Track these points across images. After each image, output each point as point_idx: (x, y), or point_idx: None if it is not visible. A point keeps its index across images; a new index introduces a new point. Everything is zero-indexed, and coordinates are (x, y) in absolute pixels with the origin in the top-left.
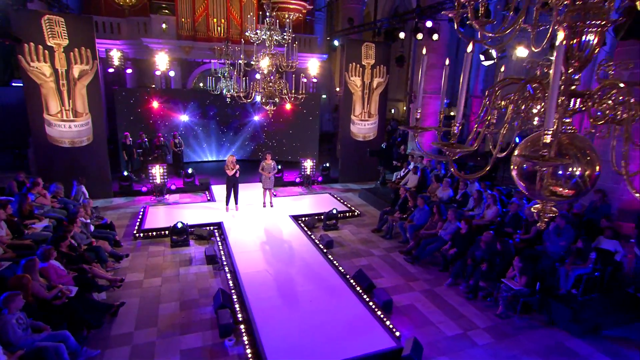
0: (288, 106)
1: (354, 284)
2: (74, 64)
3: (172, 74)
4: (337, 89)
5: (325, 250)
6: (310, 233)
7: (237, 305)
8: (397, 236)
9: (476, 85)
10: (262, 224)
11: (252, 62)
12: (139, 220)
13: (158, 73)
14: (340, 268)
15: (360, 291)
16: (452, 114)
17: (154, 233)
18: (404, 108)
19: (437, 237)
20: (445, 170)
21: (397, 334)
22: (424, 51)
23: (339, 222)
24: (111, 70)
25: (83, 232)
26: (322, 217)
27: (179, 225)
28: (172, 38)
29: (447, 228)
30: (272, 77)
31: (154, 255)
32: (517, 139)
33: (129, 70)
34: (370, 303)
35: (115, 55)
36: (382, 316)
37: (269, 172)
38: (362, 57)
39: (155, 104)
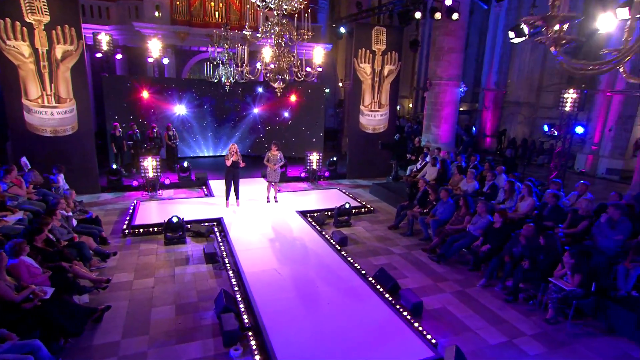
0: (293, 97)
1: (375, 284)
2: (56, 44)
3: (165, 61)
4: (341, 84)
5: (339, 248)
6: (320, 230)
7: (243, 309)
8: (418, 233)
9: (489, 77)
10: (266, 220)
11: (259, 33)
12: (128, 216)
13: (151, 60)
14: (358, 267)
15: (384, 292)
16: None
17: (146, 229)
18: (410, 105)
19: (465, 232)
20: (467, 161)
21: (434, 341)
22: None
23: (351, 219)
24: (99, 55)
25: (64, 226)
26: (333, 213)
27: (174, 219)
28: (166, 23)
29: (477, 222)
30: (281, 49)
31: (145, 253)
32: None
33: (118, 56)
34: (398, 306)
35: (104, 40)
36: (413, 321)
37: (275, 164)
38: (372, 42)
39: (146, 94)
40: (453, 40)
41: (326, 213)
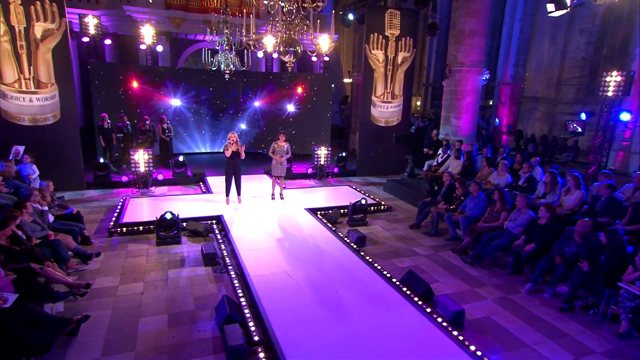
0: (299, 89)
1: (405, 289)
2: (35, 21)
3: (159, 48)
4: (346, 80)
5: (357, 248)
6: (334, 229)
7: (250, 319)
8: (444, 232)
9: (505, 71)
10: (272, 217)
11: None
12: (116, 213)
13: (143, 47)
14: (382, 269)
15: (417, 299)
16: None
17: (136, 228)
18: (418, 103)
19: (502, 230)
20: (493, 153)
21: (485, 359)
22: None
23: (367, 217)
24: (86, 39)
25: (37, 221)
26: (346, 211)
27: (168, 216)
28: (159, 7)
29: (517, 219)
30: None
31: (134, 254)
32: None
33: (107, 42)
34: (435, 315)
35: (91, 23)
36: (457, 334)
37: (281, 156)
38: (385, 27)
39: (137, 84)
40: (475, 22)
41: (339, 211)
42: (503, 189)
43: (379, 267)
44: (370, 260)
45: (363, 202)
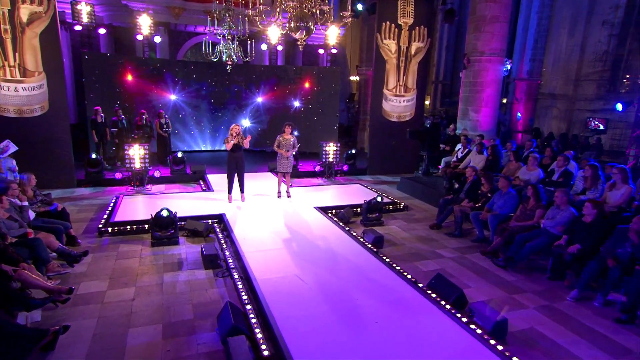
0: (305, 84)
1: (434, 295)
2: (20, 3)
3: (157, 39)
4: (353, 77)
5: (375, 250)
6: (347, 228)
7: (258, 329)
8: (469, 233)
9: (521, 66)
10: (278, 216)
11: None
12: (108, 211)
13: (140, 38)
14: (405, 273)
15: (449, 307)
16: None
17: (128, 227)
18: (427, 103)
19: (538, 230)
20: (518, 146)
21: None
22: None
23: (382, 217)
24: (78, 27)
25: (14, 218)
26: (359, 210)
27: (164, 213)
28: None
29: (556, 216)
30: None
31: (126, 256)
32: None
33: (101, 31)
34: (472, 325)
35: (84, 10)
36: (501, 348)
37: (287, 150)
38: (398, 15)
39: (133, 76)
40: (497, 7)
41: (352, 210)
42: (535, 184)
43: (401, 271)
44: (391, 262)
45: (379, 199)
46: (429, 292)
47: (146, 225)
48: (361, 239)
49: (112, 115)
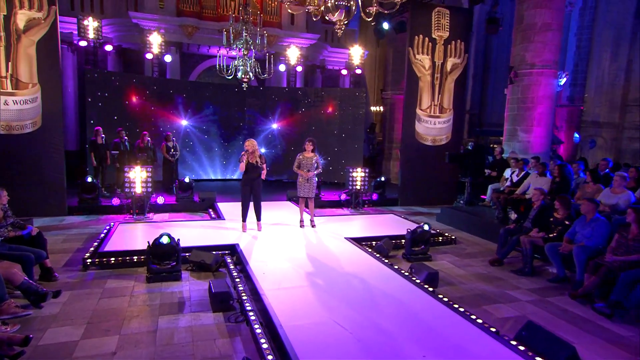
0: (327, 107)
1: (531, 354)
2: (18, 9)
3: (168, 59)
4: (374, 108)
5: (431, 290)
6: (389, 263)
7: None
8: (541, 270)
9: (561, 91)
10: (302, 248)
11: None
12: (98, 240)
13: (149, 57)
14: (479, 320)
15: None
16: None
17: (120, 259)
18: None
19: None
20: (586, 167)
21: None
22: None
23: (429, 250)
24: (83, 43)
25: None
26: (400, 241)
27: (165, 240)
28: (170, 14)
29: None
30: None
31: (112, 294)
32: None
33: (108, 47)
34: None
35: (91, 25)
36: None
37: (309, 170)
38: (432, 28)
39: (138, 97)
40: (548, 14)
41: (391, 241)
42: (622, 210)
43: (474, 317)
44: (458, 307)
45: (426, 227)
46: (520, 347)
47: (142, 257)
48: (412, 277)
49: (115, 137)
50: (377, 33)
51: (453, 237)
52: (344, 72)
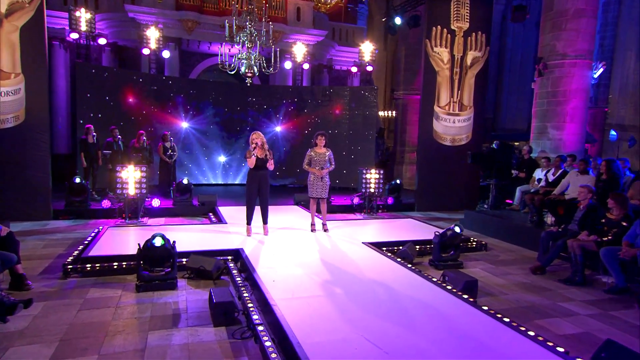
0: (335, 107)
1: None
2: None
3: (166, 54)
4: (382, 113)
5: (472, 300)
6: (418, 270)
7: None
8: (591, 278)
9: None
10: (315, 253)
11: None
12: (83, 245)
13: (146, 52)
14: (540, 337)
15: None
16: None
17: (107, 264)
18: None
19: None
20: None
21: None
22: None
23: (459, 256)
24: (75, 35)
25: None
26: (424, 247)
27: (158, 242)
28: (169, 8)
29: None
30: None
31: (95, 305)
32: None
33: (102, 41)
34: None
35: (83, 17)
36: None
37: (322, 167)
38: (451, 19)
39: (132, 94)
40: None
41: (416, 247)
42: None
43: (537, 336)
44: (513, 322)
45: (457, 229)
46: None
47: (132, 262)
48: (447, 286)
49: (107, 136)
50: (388, 29)
51: (484, 242)
52: (354, 69)
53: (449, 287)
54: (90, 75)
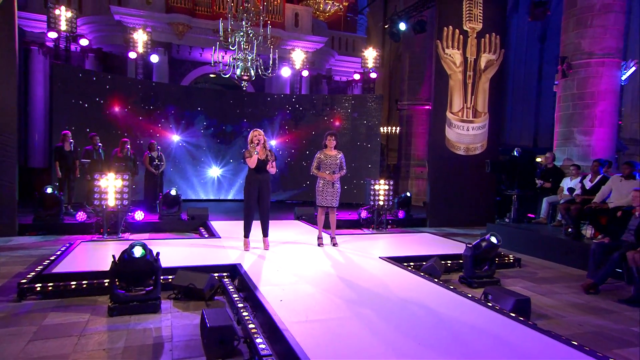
0: (336, 117)
1: None
2: None
3: (154, 59)
4: (382, 129)
5: (532, 324)
6: (451, 287)
7: None
8: None
9: None
10: (327, 269)
11: None
12: (49, 261)
13: (132, 56)
14: None
15: None
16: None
17: (74, 283)
18: None
19: None
20: None
21: None
22: None
23: (494, 272)
24: (53, 35)
25: None
26: (454, 261)
27: (137, 252)
28: (158, 10)
29: None
30: None
31: (54, 333)
32: None
33: (83, 42)
34: None
35: (63, 15)
36: None
37: (333, 172)
38: (463, 19)
39: (115, 100)
40: None
41: (443, 262)
42: None
43: None
44: (597, 353)
45: (493, 239)
46: None
47: (105, 281)
48: (492, 305)
49: (87, 144)
50: (391, 36)
51: (517, 257)
52: (357, 76)
53: (497, 307)
54: (69, 78)
